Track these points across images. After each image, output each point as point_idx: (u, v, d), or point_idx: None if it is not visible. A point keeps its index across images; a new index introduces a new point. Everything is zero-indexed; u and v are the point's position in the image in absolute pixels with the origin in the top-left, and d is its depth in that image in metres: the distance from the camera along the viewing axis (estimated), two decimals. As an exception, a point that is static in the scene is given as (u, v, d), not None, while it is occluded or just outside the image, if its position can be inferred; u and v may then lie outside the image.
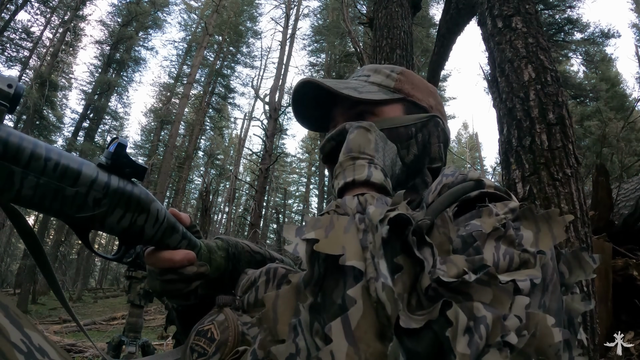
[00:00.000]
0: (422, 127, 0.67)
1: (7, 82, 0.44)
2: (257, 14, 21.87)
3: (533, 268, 0.42)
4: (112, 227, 0.55)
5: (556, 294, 0.44)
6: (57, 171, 0.48)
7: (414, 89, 0.71)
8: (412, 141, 0.66)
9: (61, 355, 0.46)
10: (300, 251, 0.39)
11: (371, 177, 0.52)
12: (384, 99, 0.68)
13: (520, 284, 0.39)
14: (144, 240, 0.59)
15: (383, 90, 0.69)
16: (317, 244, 0.38)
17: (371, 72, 0.73)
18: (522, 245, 0.44)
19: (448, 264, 0.39)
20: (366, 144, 0.57)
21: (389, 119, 0.67)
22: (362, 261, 0.37)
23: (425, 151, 0.67)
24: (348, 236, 0.39)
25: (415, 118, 0.67)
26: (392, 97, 0.69)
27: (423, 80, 0.74)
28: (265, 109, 14.96)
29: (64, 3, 16.77)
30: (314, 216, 0.43)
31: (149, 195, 0.57)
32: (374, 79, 0.71)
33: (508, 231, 0.45)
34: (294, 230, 0.41)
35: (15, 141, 0.45)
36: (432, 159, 0.67)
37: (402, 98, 0.69)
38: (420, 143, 0.67)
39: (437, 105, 0.72)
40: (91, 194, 0.51)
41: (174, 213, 0.65)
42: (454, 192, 0.55)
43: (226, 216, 22.72)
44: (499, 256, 0.42)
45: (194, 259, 0.64)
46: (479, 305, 0.34)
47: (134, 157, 0.54)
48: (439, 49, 4.46)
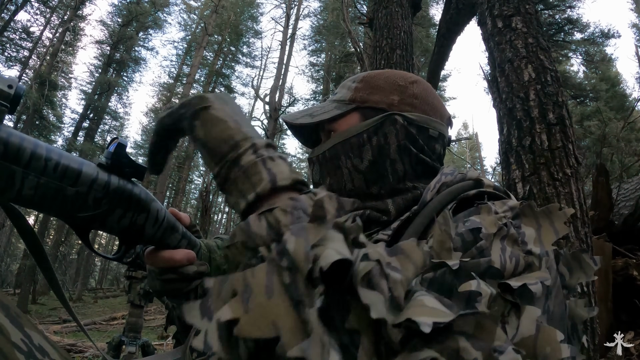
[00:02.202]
0: (376, 131, 0.65)
1: (8, 82, 0.44)
2: (257, 14, 21.90)
3: (539, 270, 0.42)
4: (112, 226, 0.55)
5: (559, 297, 0.44)
6: (58, 171, 0.48)
7: (371, 92, 0.68)
8: (366, 147, 0.64)
9: (61, 355, 0.47)
10: (214, 343, 0.29)
11: (277, 181, 0.44)
12: (336, 114, 0.67)
13: (533, 287, 0.39)
14: (144, 240, 0.59)
15: (339, 105, 0.69)
16: (237, 326, 0.29)
17: (339, 88, 0.74)
18: (526, 243, 0.44)
19: (415, 303, 0.30)
20: (231, 126, 0.48)
21: (342, 132, 0.66)
22: (305, 339, 0.28)
23: (382, 154, 0.64)
24: (275, 302, 0.30)
25: (367, 123, 0.65)
26: (346, 109, 0.68)
27: (392, 76, 0.70)
28: (265, 109, 14.98)
29: (64, 3, 16.77)
30: (219, 278, 0.32)
31: (148, 194, 0.57)
32: (337, 95, 0.72)
33: (510, 230, 0.45)
34: (197, 309, 0.31)
35: (16, 141, 0.46)
36: (392, 160, 0.64)
37: (357, 107, 0.68)
38: (376, 147, 0.64)
39: (405, 99, 0.67)
40: (91, 194, 0.51)
41: (174, 213, 0.65)
42: (452, 191, 0.55)
43: (226, 216, 22.73)
44: (505, 258, 0.42)
45: (194, 259, 0.64)
46: (465, 346, 0.29)
47: (134, 157, 0.54)
48: (439, 49, 4.46)
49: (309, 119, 0.69)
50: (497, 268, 0.41)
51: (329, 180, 0.67)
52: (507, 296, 0.39)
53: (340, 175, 0.66)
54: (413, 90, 0.68)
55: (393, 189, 0.64)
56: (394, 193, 0.64)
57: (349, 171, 0.65)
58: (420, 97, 0.68)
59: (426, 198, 0.57)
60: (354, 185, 0.65)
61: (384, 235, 0.57)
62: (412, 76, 0.71)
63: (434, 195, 0.57)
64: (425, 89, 0.70)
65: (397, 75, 0.70)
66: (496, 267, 0.41)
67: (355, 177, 0.65)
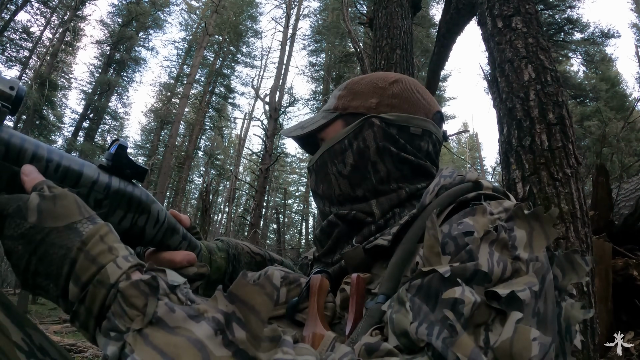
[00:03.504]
0: (356, 135, 0.66)
1: (9, 84, 0.44)
2: (257, 14, 21.89)
3: (526, 275, 0.43)
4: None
5: (550, 298, 0.44)
6: (59, 172, 0.48)
7: (353, 99, 0.69)
8: (348, 152, 0.66)
9: (62, 354, 0.47)
10: None
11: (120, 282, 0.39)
12: (322, 124, 0.70)
13: (521, 294, 0.39)
14: (144, 241, 0.59)
15: (326, 114, 0.71)
16: None
17: (330, 97, 0.76)
18: (516, 247, 0.44)
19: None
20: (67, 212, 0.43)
21: (328, 140, 0.69)
22: None
23: (363, 157, 0.65)
24: None
25: (347, 130, 0.67)
26: (331, 117, 0.70)
27: (373, 79, 0.70)
28: (265, 109, 14.96)
29: (64, 3, 16.77)
30: None
31: (149, 196, 0.57)
32: (326, 105, 0.74)
33: (500, 234, 0.45)
34: None
35: (17, 142, 0.46)
36: (373, 162, 0.64)
37: (340, 114, 0.69)
38: (356, 151, 0.65)
39: (383, 100, 0.67)
40: (92, 195, 0.51)
41: (175, 214, 0.65)
42: (451, 193, 0.55)
43: (226, 216, 22.74)
44: (493, 262, 0.42)
45: (195, 260, 0.64)
46: None
47: (134, 157, 0.54)
48: (439, 49, 4.46)
49: (300, 131, 0.72)
50: (484, 272, 0.42)
51: (322, 187, 0.69)
52: (494, 303, 0.40)
53: (329, 181, 0.68)
54: (392, 90, 0.68)
55: (377, 191, 0.65)
56: (378, 194, 0.64)
57: (335, 177, 0.67)
58: (400, 96, 0.68)
59: (425, 201, 0.57)
60: (341, 190, 0.66)
61: (383, 241, 0.57)
62: (394, 76, 0.71)
63: (432, 198, 0.57)
64: (407, 88, 0.69)
65: (378, 77, 0.71)
66: (484, 271, 0.42)
67: (341, 182, 0.66)
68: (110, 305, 0.37)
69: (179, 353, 0.33)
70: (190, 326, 0.35)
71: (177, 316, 0.36)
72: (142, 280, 0.38)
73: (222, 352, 0.34)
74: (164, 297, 0.38)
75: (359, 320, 0.50)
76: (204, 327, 0.35)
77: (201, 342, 0.34)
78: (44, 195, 0.41)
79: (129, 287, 0.37)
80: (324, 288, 0.58)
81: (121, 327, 0.36)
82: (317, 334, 0.52)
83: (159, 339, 0.34)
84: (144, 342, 0.34)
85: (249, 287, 0.37)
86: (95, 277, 0.38)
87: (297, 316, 0.59)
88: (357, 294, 0.54)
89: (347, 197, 0.66)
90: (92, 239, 0.40)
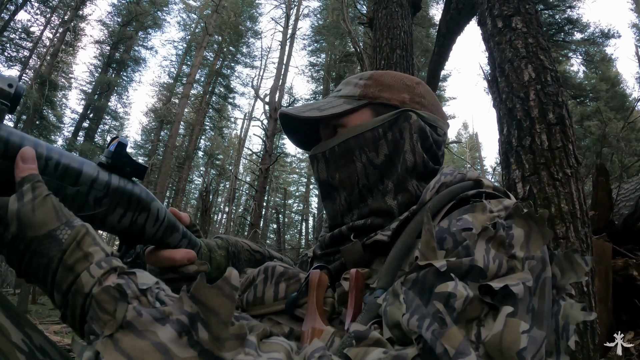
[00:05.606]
0: (391, 126, 0.66)
1: (8, 82, 0.44)
2: (257, 14, 21.88)
3: (521, 272, 0.43)
4: (113, 226, 0.55)
5: (546, 296, 0.45)
6: (58, 170, 0.48)
7: (382, 90, 0.69)
8: (382, 142, 0.65)
9: (62, 355, 0.46)
10: None
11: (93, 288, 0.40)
12: (347, 109, 0.68)
13: (514, 288, 0.40)
14: (144, 239, 0.59)
15: (348, 100, 0.70)
16: None
17: (343, 85, 0.75)
18: (512, 246, 0.45)
19: None
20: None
21: (354, 126, 0.67)
22: None
23: (397, 148, 0.65)
24: None
25: (382, 119, 0.66)
26: (357, 104, 0.68)
27: (399, 76, 0.72)
28: (265, 109, 14.96)
29: (64, 3, 16.76)
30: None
31: (149, 194, 0.57)
32: (343, 92, 0.72)
33: (498, 232, 0.45)
34: None
35: (17, 140, 0.46)
36: (404, 155, 0.64)
37: (368, 103, 0.69)
38: (391, 142, 0.65)
39: (414, 98, 0.69)
40: (92, 193, 0.51)
41: (174, 212, 0.65)
42: (452, 191, 0.56)
43: (226, 216, 22.74)
44: (489, 259, 0.43)
45: (195, 258, 0.64)
46: None
47: (134, 157, 0.54)
48: (439, 49, 4.46)
49: (317, 112, 0.68)
50: (480, 267, 0.42)
51: (339, 176, 0.67)
52: (487, 298, 0.40)
53: (353, 170, 0.66)
54: (420, 90, 0.70)
55: (401, 185, 0.64)
56: (401, 190, 0.64)
57: (363, 165, 0.65)
58: (427, 97, 0.70)
59: (425, 198, 0.57)
60: (368, 181, 0.65)
61: (383, 236, 0.57)
62: (415, 78, 0.74)
63: (432, 194, 0.57)
64: (429, 91, 0.72)
65: (403, 75, 0.73)
66: (479, 267, 0.42)
67: (370, 172, 0.65)
68: (89, 310, 0.39)
69: (144, 357, 0.34)
70: (156, 329, 0.36)
71: (145, 319, 0.37)
72: (112, 286, 0.39)
73: (187, 352, 0.35)
74: (134, 301, 0.39)
75: (358, 314, 0.50)
76: (168, 330, 0.36)
77: (164, 345, 0.35)
78: (23, 200, 0.42)
79: (100, 293, 0.39)
80: (323, 283, 0.58)
81: (98, 331, 0.37)
82: (316, 329, 0.52)
83: (127, 343, 0.35)
84: (114, 347, 0.35)
85: (207, 289, 0.37)
86: (72, 286, 0.40)
87: (297, 311, 0.59)
88: (356, 289, 0.54)
89: (371, 189, 0.65)
90: (69, 247, 0.42)
